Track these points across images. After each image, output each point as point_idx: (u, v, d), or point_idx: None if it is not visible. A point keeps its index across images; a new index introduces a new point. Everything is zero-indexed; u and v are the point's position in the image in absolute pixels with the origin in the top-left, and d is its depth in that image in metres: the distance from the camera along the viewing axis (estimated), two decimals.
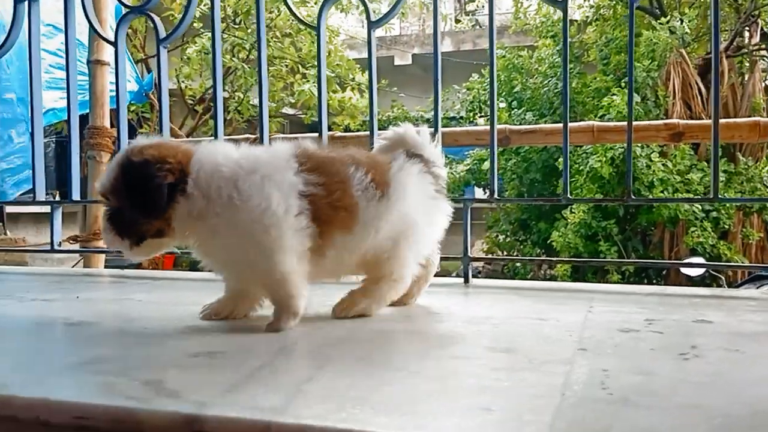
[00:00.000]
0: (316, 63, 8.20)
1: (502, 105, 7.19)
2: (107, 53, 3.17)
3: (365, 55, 1.66)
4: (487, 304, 1.23)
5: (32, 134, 1.76)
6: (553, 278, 6.91)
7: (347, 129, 8.70)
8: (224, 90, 8.77)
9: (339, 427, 0.55)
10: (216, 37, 1.61)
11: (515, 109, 7.23)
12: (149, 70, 7.42)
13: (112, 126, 3.27)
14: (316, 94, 7.76)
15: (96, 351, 0.86)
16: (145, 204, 0.93)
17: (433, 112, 1.65)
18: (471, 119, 8.13)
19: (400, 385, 0.69)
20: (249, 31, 7.76)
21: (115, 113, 3.30)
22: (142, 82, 4.95)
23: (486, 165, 7.14)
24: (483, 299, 1.30)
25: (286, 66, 8.39)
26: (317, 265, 0.98)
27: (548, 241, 6.76)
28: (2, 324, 1.03)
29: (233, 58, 8.12)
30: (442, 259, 1.22)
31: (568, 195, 1.51)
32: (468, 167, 7.58)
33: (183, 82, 8.10)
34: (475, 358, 0.80)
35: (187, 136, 7.32)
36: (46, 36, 1.74)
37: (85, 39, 4.11)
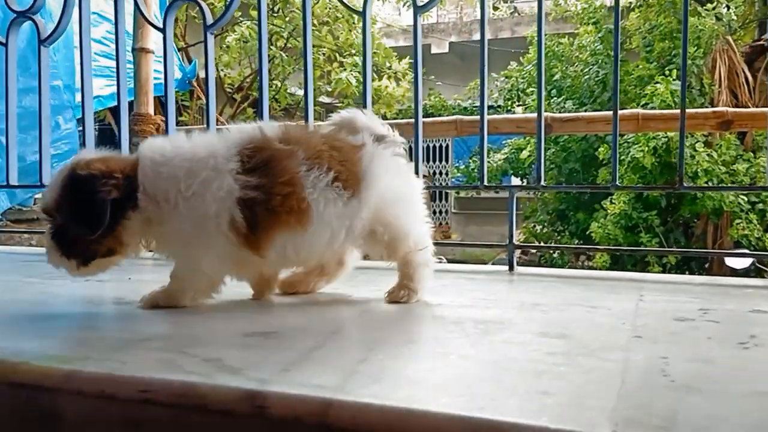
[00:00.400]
0: (353, 51, 8.22)
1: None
2: (152, 41, 3.22)
3: (402, 43, 1.67)
4: (535, 292, 1.22)
5: (83, 120, 1.80)
6: (591, 269, 6.81)
7: (383, 117, 8.69)
8: None
9: (400, 406, 0.55)
10: (262, 24, 1.62)
11: (555, 98, 7.12)
12: (189, 59, 7.50)
13: (156, 113, 3.33)
14: (353, 82, 7.79)
15: (152, 329, 0.88)
16: (88, 220, 0.90)
17: (478, 100, 1.63)
18: (509, 108, 8.04)
19: (453, 368, 0.69)
20: (287, 19, 7.79)
21: (157, 100, 3.36)
22: (185, 70, 5.02)
23: (524, 154, 7.07)
24: (529, 287, 1.29)
25: (324, 54, 8.40)
26: (259, 262, 0.98)
27: (587, 232, 6.67)
28: (60, 303, 1.06)
29: (271, 47, 8.17)
30: (479, 246, 1.21)
31: (617, 182, 1.47)
32: (505, 156, 7.51)
33: (222, 70, 8.17)
34: (527, 344, 0.79)
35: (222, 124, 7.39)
36: (91, 24, 1.78)
37: (129, 28, 4.17)
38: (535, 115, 1.56)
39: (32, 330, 0.87)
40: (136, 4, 1.71)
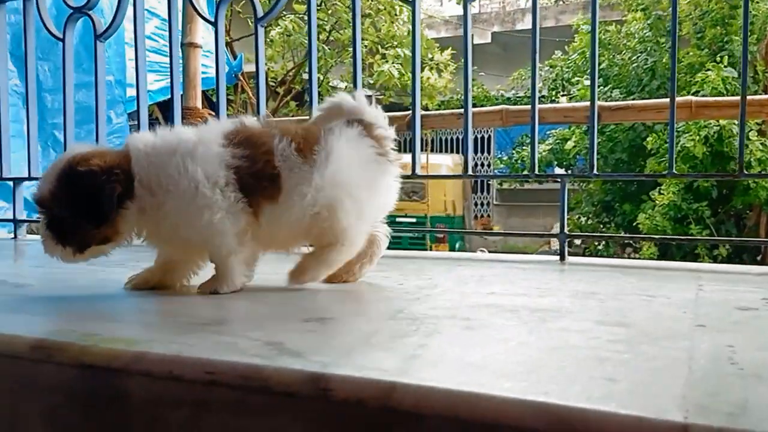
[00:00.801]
0: (395, 43, 8.19)
1: (588, 82, 6.96)
2: (200, 36, 3.27)
3: (443, 34, 1.67)
4: (589, 281, 1.20)
5: (138, 115, 1.84)
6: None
7: (425, 109, 8.67)
8: (305, 72, 8.90)
9: (465, 390, 0.55)
10: (312, 19, 1.63)
11: (601, 87, 6.99)
12: (234, 54, 7.61)
13: (202, 107, 3.39)
14: (395, 74, 7.77)
15: (212, 314, 0.90)
16: (94, 213, 0.95)
17: (522, 90, 1.61)
18: (553, 98, 7.92)
19: (514, 354, 0.68)
20: (329, 12, 7.82)
21: (203, 94, 3.40)
22: (231, 64, 5.08)
23: (569, 144, 6.95)
24: (583, 276, 1.27)
25: (365, 47, 8.41)
26: (255, 237, 1.02)
27: (634, 224, 6.53)
28: (120, 289, 1.08)
29: None
30: (530, 236, 1.20)
31: (673, 170, 1.44)
32: (550, 147, 7.41)
33: (266, 64, 8.26)
34: (586, 331, 0.78)
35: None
36: (148, 18, 1.83)
37: (177, 23, 4.24)
38: (582, 104, 1.54)
39: (97, 314, 0.90)
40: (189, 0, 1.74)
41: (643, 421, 0.50)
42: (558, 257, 1.46)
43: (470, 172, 1.65)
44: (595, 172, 1.50)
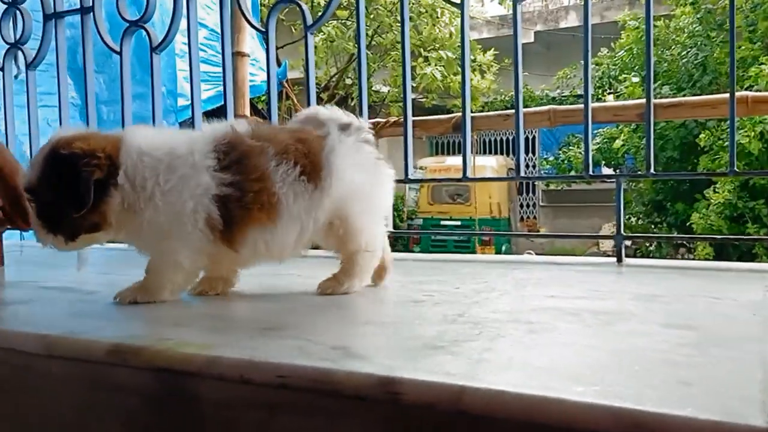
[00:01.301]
0: (436, 46, 8.17)
1: (636, 79, 6.82)
2: (247, 45, 3.34)
3: (485, 35, 1.68)
4: (649, 283, 1.18)
5: (192, 124, 1.89)
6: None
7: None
8: (347, 77, 8.98)
9: (536, 394, 0.55)
10: (361, 26, 1.65)
11: None
12: (278, 61, 7.72)
13: (251, 114, 3.45)
14: (437, 76, 7.76)
15: (274, 319, 0.91)
16: (73, 198, 0.92)
17: (567, 89, 1.60)
18: (599, 96, 7.78)
19: (582, 358, 0.68)
20: (371, 17, 7.87)
21: (250, 101, 3.45)
22: (277, 71, 5.16)
23: (617, 143, 6.82)
24: (642, 278, 1.25)
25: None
26: (235, 258, 1.01)
27: (687, 224, 6.36)
28: (183, 294, 1.12)
29: (356, 45, 8.28)
30: (587, 237, 1.18)
31: (735, 168, 1.40)
32: (597, 146, 7.28)
33: None
34: (653, 335, 0.77)
35: None
36: None
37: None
38: (633, 102, 1.51)
39: (166, 318, 0.93)
40: (240, 9, 1.78)
41: (722, 426, 0.49)
42: (615, 259, 1.44)
43: (513, 173, 1.64)
44: (652, 171, 1.47)
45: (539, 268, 1.39)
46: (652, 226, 7.49)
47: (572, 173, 7.94)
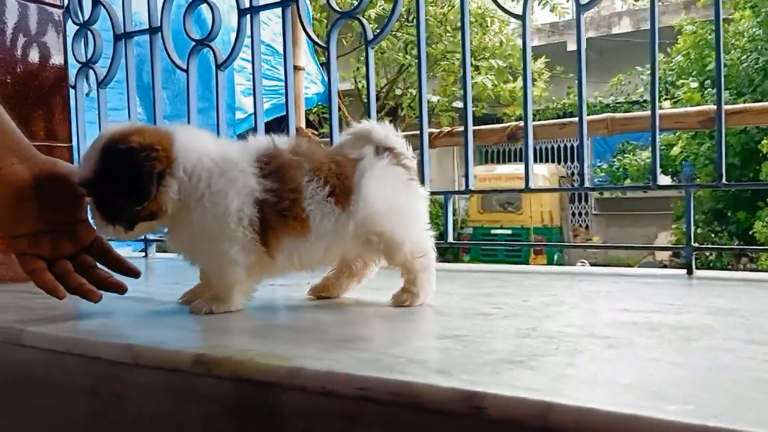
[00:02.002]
0: (486, 55, 8.12)
1: (694, 84, 6.64)
2: (303, 59, 3.40)
3: (536, 42, 1.66)
4: (725, 296, 1.14)
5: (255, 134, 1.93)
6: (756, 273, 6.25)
7: (519, 119, 8.55)
8: (397, 87, 9.02)
9: (627, 412, 0.54)
10: (421, 35, 1.66)
11: (709, 89, 6.64)
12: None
13: (306, 126, 3.50)
14: (488, 85, 7.72)
15: (348, 331, 0.93)
16: (135, 192, 0.95)
17: (622, 96, 1.57)
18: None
19: (667, 375, 0.66)
20: None
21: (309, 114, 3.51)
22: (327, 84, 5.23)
23: (675, 150, 6.65)
24: (715, 291, 1.22)
25: (457, 59, 8.42)
26: (272, 266, 1.04)
27: (750, 232, 6.14)
28: (256, 304, 1.14)
29: (406, 56, 8.32)
30: (653, 248, 1.16)
31: None
32: None
33: (360, 81, 8.44)
34: (738, 351, 0.75)
35: None
36: (247, 46, 1.93)
37: (278, 47, 4.42)
38: (695, 108, 1.48)
39: (244, 329, 0.96)
40: (302, 25, 1.81)
41: None
42: (684, 271, 1.41)
43: (566, 181, 1.62)
44: (724, 181, 1.43)
45: (606, 280, 1.37)
46: (713, 235, 7.25)
47: (628, 181, 7.78)
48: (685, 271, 1.40)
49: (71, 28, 2.02)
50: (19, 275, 1.49)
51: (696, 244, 1.44)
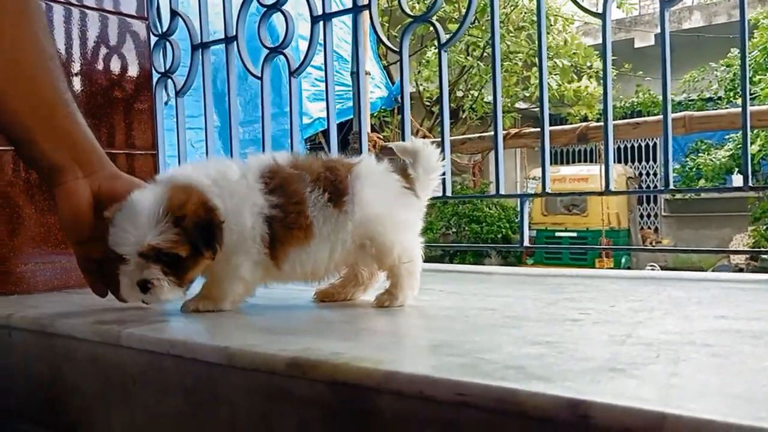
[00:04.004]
0: (550, 54, 7.98)
1: None
2: (369, 64, 3.43)
3: (601, 40, 1.58)
4: None
5: (328, 142, 1.96)
6: None
7: (584, 119, 8.37)
8: (459, 89, 8.97)
9: (746, 424, 0.52)
10: (495, 38, 1.65)
11: None
12: (391, 77, 7.86)
13: (372, 130, 3.52)
14: (553, 85, 7.59)
15: (439, 336, 0.93)
16: (209, 247, 1.03)
17: (694, 93, 1.51)
18: (730, 99, 7.30)
19: None
20: (483, 29, 7.83)
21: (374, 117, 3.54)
22: (391, 88, 5.26)
23: (753, 148, 6.35)
24: None
25: (521, 60, 8.31)
26: (278, 274, 1.11)
27: None
28: (336, 309, 1.15)
29: (468, 57, 8.27)
30: (744, 253, 1.11)
31: None
32: (730, 152, 6.82)
33: (421, 84, 8.45)
34: None
35: (424, 137, 7.59)
36: (315, 53, 1.95)
37: (344, 53, 4.48)
38: None
39: (330, 332, 0.97)
40: (375, 31, 1.83)
41: None
42: None
43: (633, 182, 1.57)
44: None
45: (696, 285, 1.32)
46: None
47: (702, 182, 7.47)
48: None
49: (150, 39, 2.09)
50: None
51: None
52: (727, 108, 6.54)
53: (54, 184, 1.06)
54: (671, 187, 1.52)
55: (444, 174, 1.81)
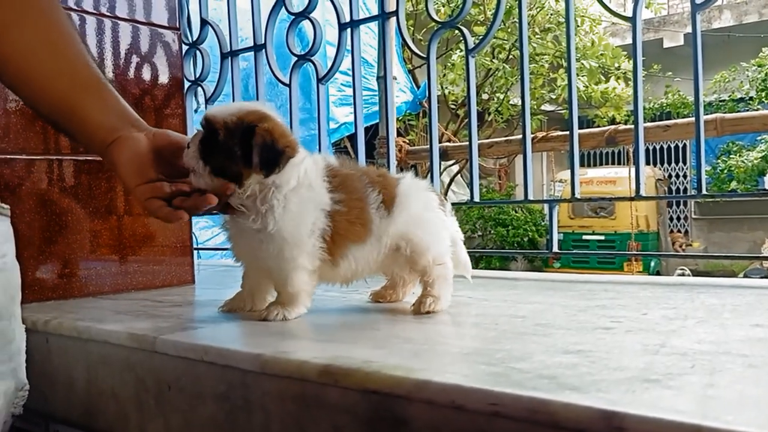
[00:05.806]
0: (578, 56, 7.90)
1: None
2: (395, 69, 3.44)
3: (629, 41, 1.56)
4: None
5: (356, 147, 1.97)
6: None
7: (612, 121, 8.27)
8: (484, 92, 8.93)
9: None
10: (523, 41, 1.64)
11: None
12: (416, 81, 7.85)
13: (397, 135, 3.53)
14: (580, 87, 7.51)
15: (467, 344, 0.93)
16: (267, 165, 1.04)
17: (725, 94, 1.48)
18: (762, 99, 7.15)
19: None
20: (510, 31, 7.78)
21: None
22: (415, 92, 5.27)
23: None
24: None
25: (547, 62, 8.24)
26: (331, 272, 1.14)
27: None
28: (366, 318, 1.16)
29: (493, 60, 8.23)
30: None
31: None
32: (762, 154, 6.69)
33: (446, 88, 8.42)
34: None
35: (449, 141, 7.57)
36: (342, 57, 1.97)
37: (368, 57, 4.49)
38: None
39: (361, 339, 0.97)
40: (402, 38, 1.83)
41: None
42: None
43: (662, 184, 1.55)
44: None
45: (730, 292, 1.30)
46: None
47: (734, 184, 7.33)
48: None
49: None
50: (136, 284, 1.60)
51: None
52: (758, 108, 6.41)
53: (109, 142, 1.08)
54: (704, 192, 1.50)
55: (472, 179, 1.83)
